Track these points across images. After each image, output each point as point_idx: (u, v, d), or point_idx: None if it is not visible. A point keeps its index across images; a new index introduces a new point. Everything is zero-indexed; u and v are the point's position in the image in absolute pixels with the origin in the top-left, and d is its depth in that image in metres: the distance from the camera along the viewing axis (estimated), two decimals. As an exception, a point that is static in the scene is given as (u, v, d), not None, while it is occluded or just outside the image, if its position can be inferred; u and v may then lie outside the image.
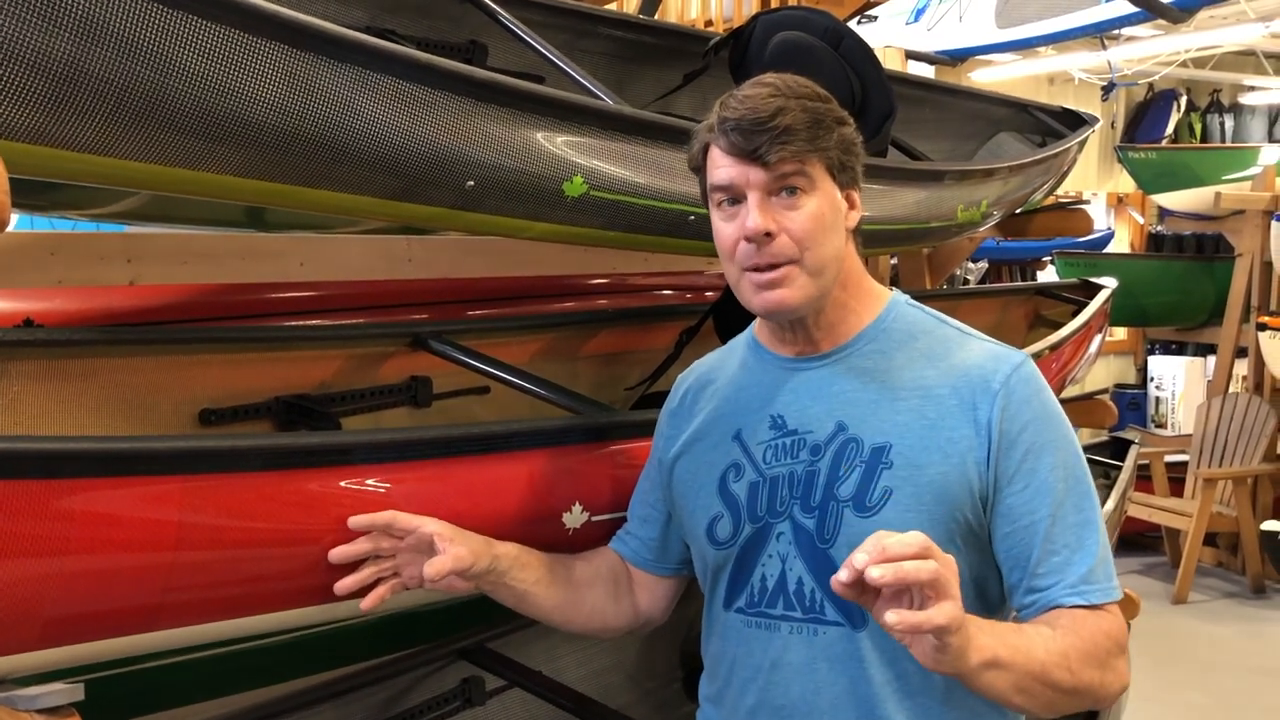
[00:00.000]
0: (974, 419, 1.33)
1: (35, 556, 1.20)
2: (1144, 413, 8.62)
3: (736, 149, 1.33)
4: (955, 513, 1.33)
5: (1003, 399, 1.33)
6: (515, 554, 1.50)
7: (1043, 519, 1.32)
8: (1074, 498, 1.34)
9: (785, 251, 1.34)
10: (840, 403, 1.39)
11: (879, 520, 1.31)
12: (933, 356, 1.40)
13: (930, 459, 1.33)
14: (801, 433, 1.40)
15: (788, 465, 1.40)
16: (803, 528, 1.37)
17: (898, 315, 1.45)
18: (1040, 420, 1.35)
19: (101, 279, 2.13)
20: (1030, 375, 1.38)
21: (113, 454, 1.23)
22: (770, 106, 1.32)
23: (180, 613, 1.33)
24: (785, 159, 1.32)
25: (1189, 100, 9.48)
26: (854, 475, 1.35)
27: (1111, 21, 5.26)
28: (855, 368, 1.41)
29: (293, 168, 1.56)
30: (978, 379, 1.35)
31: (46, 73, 1.30)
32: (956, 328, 1.45)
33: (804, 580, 1.37)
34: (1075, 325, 3.29)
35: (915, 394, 1.37)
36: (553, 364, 2.51)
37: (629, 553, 1.62)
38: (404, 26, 2.34)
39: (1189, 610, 5.86)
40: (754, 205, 1.33)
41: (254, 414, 1.92)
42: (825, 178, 1.36)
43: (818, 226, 1.35)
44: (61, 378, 1.66)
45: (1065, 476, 1.34)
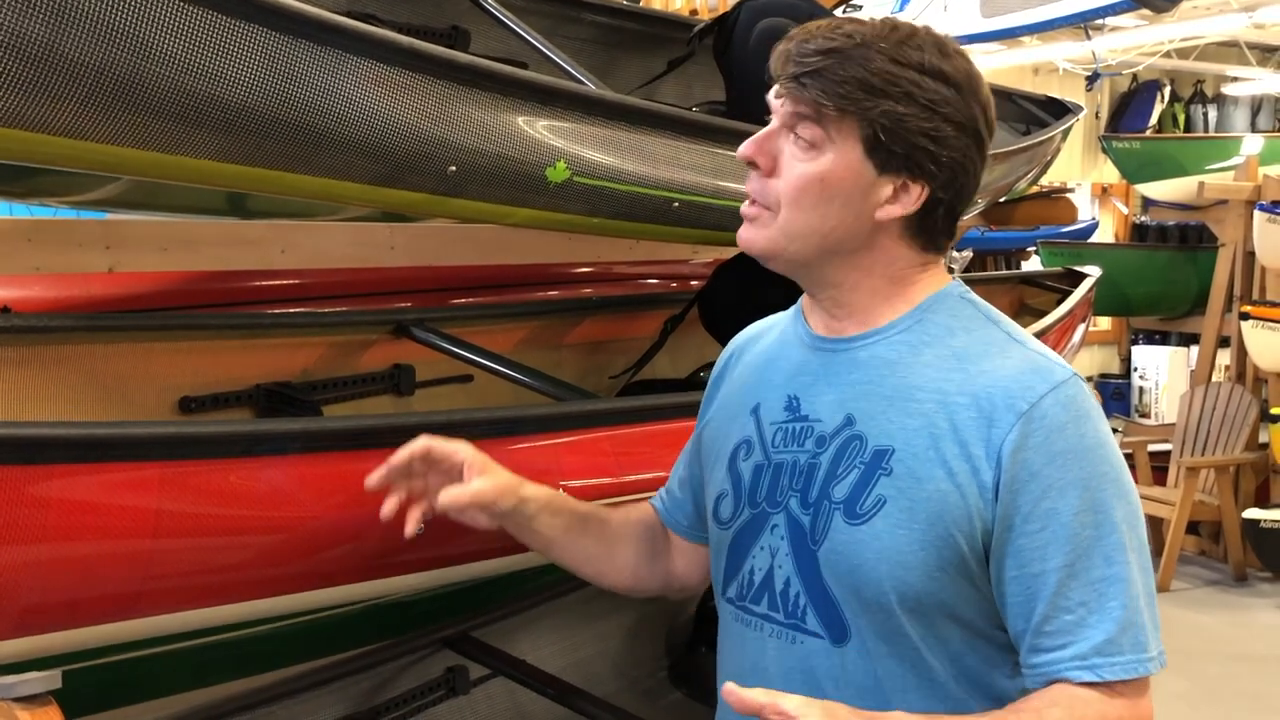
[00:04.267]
0: (987, 438, 1.15)
1: (10, 544, 1.19)
2: (1128, 402, 8.66)
3: (773, 71, 1.21)
4: (950, 538, 1.16)
5: (1027, 423, 1.14)
6: (546, 499, 1.41)
7: (1056, 569, 1.13)
8: (1105, 548, 1.13)
9: (762, 194, 1.22)
10: (854, 394, 1.24)
11: (867, 530, 1.18)
12: (965, 359, 1.20)
13: (932, 473, 1.16)
14: (811, 420, 1.27)
15: (793, 453, 1.27)
16: (797, 523, 1.25)
17: (942, 306, 1.25)
18: (1074, 454, 1.14)
19: (80, 266, 2.11)
20: (1071, 399, 1.16)
21: (89, 440, 1.22)
22: (820, 44, 1.16)
23: (160, 600, 1.32)
24: (799, 100, 1.17)
25: (1173, 91, 9.53)
26: (850, 477, 1.21)
27: (1096, 11, 5.27)
28: (879, 357, 1.24)
29: (273, 152, 1.55)
30: (1004, 394, 1.16)
31: (22, 55, 1.28)
32: (1006, 331, 1.24)
33: (791, 581, 1.25)
34: (1059, 313, 3.30)
35: (932, 398, 1.19)
36: (537, 352, 2.51)
37: (664, 513, 1.52)
38: (385, 11, 2.32)
39: (1171, 598, 5.89)
40: (762, 131, 1.22)
41: (235, 401, 1.91)
42: (852, 145, 1.18)
43: (804, 189, 1.19)
44: (39, 364, 1.65)
45: (1097, 522, 1.13)
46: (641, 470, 1.79)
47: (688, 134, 2.08)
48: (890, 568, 1.17)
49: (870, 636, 1.20)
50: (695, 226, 2.15)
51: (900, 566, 1.16)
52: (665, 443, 1.85)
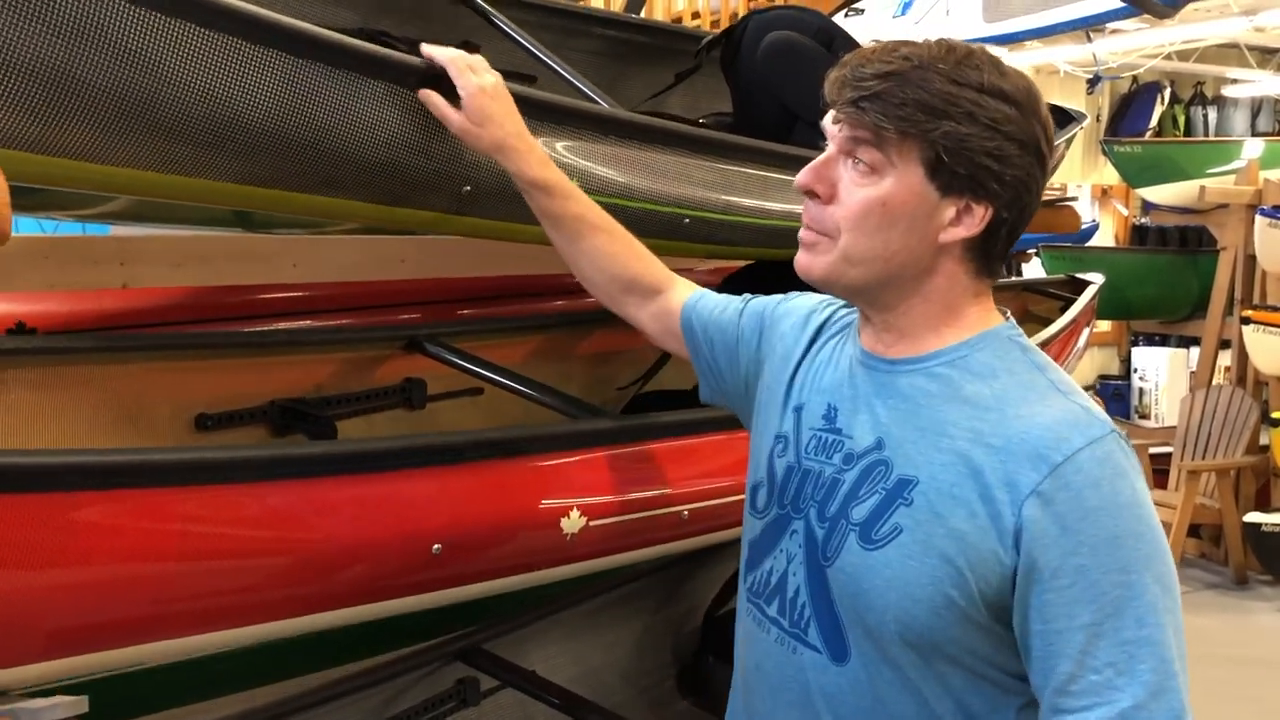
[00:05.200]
0: (1015, 486, 1.12)
1: (36, 569, 1.20)
2: (1127, 404, 8.67)
3: (828, 96, 1.19)
4: (961, 578, 1.14)
5: (1059, 476, 1.11)
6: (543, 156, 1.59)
7: (1083, 626, 1.09)
8: (1137, 609, 1.08)
9: (821, 222, 1.21)
10: (888, 419, 1.23)
11: (879, 557, 1.18)
12: (1004, 401, 1.18)
13: (954, 512, 1.15)
14: (844, 434, 1.27)
15: (820, 463, 1.28)
16: (813, 535, 1.25)
17: (989, 346, 1.23)
18: (1107, 511, 1.11)
19: (95, 282, 2.12)
20: (1108, 455, 1.13)
21: (112, 466, 1.23)
22: (879, 66, 1.15)
23: (184, 622, 1.33)
24: (859, 124, 1.16)
25: (1173, 93, 9.54)
26: (871, 500, 1.21)
27: (1098, 16, 5.28)
28: (918, 386, 1.23)
29: (291, 174, 1.56)
30: (1038, 442, 1.13)
31: (44, 81, 1.30)
32: (1051, 379, 1.21)
33: (800, 591, 1.26)
34: (1063, 322, 3.31)
35: (965, 436, 1.17)
36: (546, 364, 2.52)
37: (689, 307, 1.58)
38: (396, 27, 2.33)
39: (1173, 601, 5.91)
40: (819, 159, 1.21)
41: (249, 418, 1.92)
42: (914, 167, 1.17)
43: (866, 214, 1.18)
44: (57, 385, 1.66)
45: (1129, 582, 1.09)
46: (651, 487, 1.81)
47: (698, 151, 2.09)
48: (897, 598, 1.17)
49: (872, 660, 1.20)
50: (706, 242, 2.17)
51: (907, 598, 1.16)
52: (674, 460, 1.87)
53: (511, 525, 1.59)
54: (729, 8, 6.86)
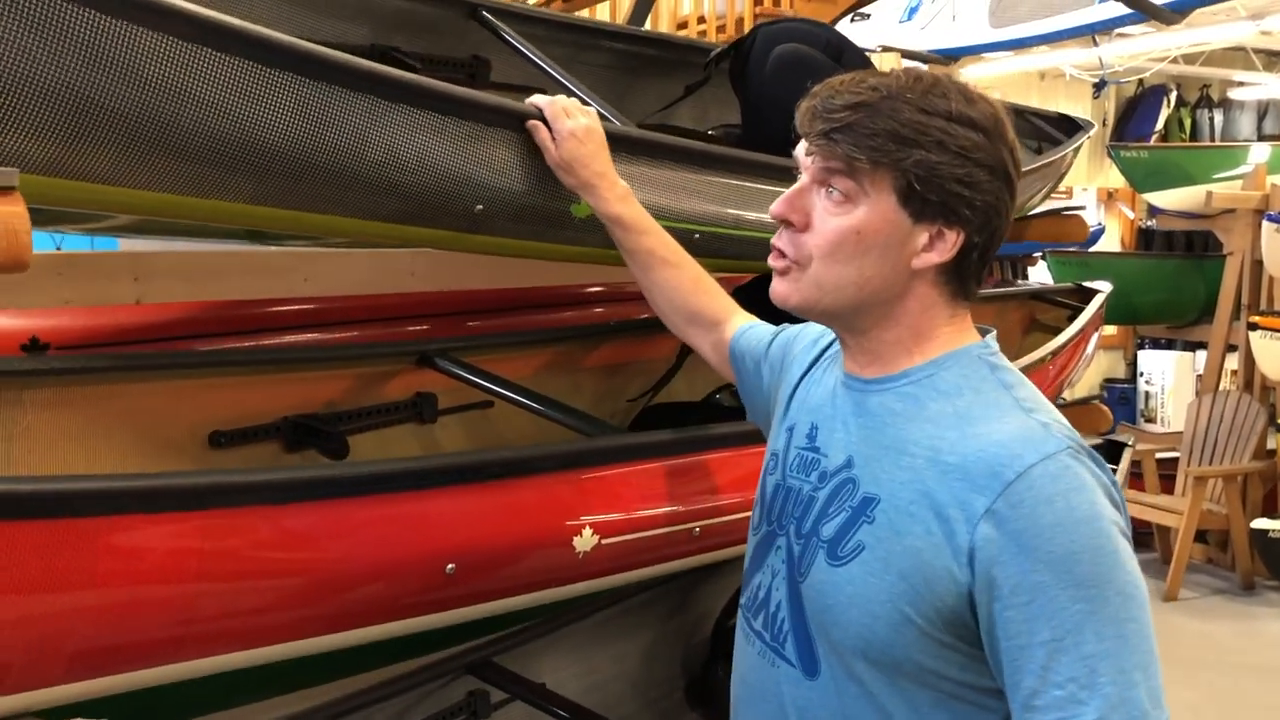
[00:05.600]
0: (970, 504, 1.14)
1: (58, 593, 1.21)
2: (1134, 407, 8.67)
3: (801, 126, 1.22)
4: (919, 595, 1.16)
5: (1011, 493, 1.12)
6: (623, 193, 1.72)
7: (1043, 643, 1.09)
8: (1096, 623, 1.09)
9: (793, 249, 1.24)
10: (858, 437, 1.27)
11: (843, 574, 1.21)
12: (965, 419, 1.20)
13: (911, 528, 1.17)
14: (821, 453, 1.31)
15: (800, 480, 1.33)
16: (792, 551, 1.30)
17: (958, 364, 1.25)
18: (1063, 527, 1.10)
19: (109, 298, 2.13)
20: (1063, 470, 1.13)
21: (131, 491, 1.25)
22: (849, 98, 1.18)
23: (203, 644, 1.34)
24: (831, 155, 1.18)
25: (1179, 96, 9.53)
26: (839, 518, 1.24)
27: (1105, 22, 5.28)
28: (886, 406, 1.26)
29: (305, 195, 1.57)
30: (991, 460, 1.14)
31: (61, 106, 1.31)
32: (1016, 396, 1.22)
33: (781, 606, 1.30)
34: (1071, 332, 3.31)
35: (924, 454, 1.19)
36: (556, 377, 2.53)
37: (738, 336, 1.65)
38: (407, 43, 2.34)
39: (1179, 607, 5.91)
40: (793, 189, 1.24)
41: (263, 435, 1.93)
42: (886, 196, 1.19)
43: (840, 242, 1.21)
44: (73, 405, 1.67)
45: (1088, 596, 1.09)
46: (662, 504, 1.81)
47: (708, 167, 2.10)
48: (858, 614, 1.20)
49: (839, 676, 1.23)
50: (716, 257, 2.17)
51: (868, 615, 1.19)
52: (685, 476, 1.88)
53: (524, 545, 1.60)
54: (734, 12, 6.88)
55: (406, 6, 2.32)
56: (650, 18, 5.30)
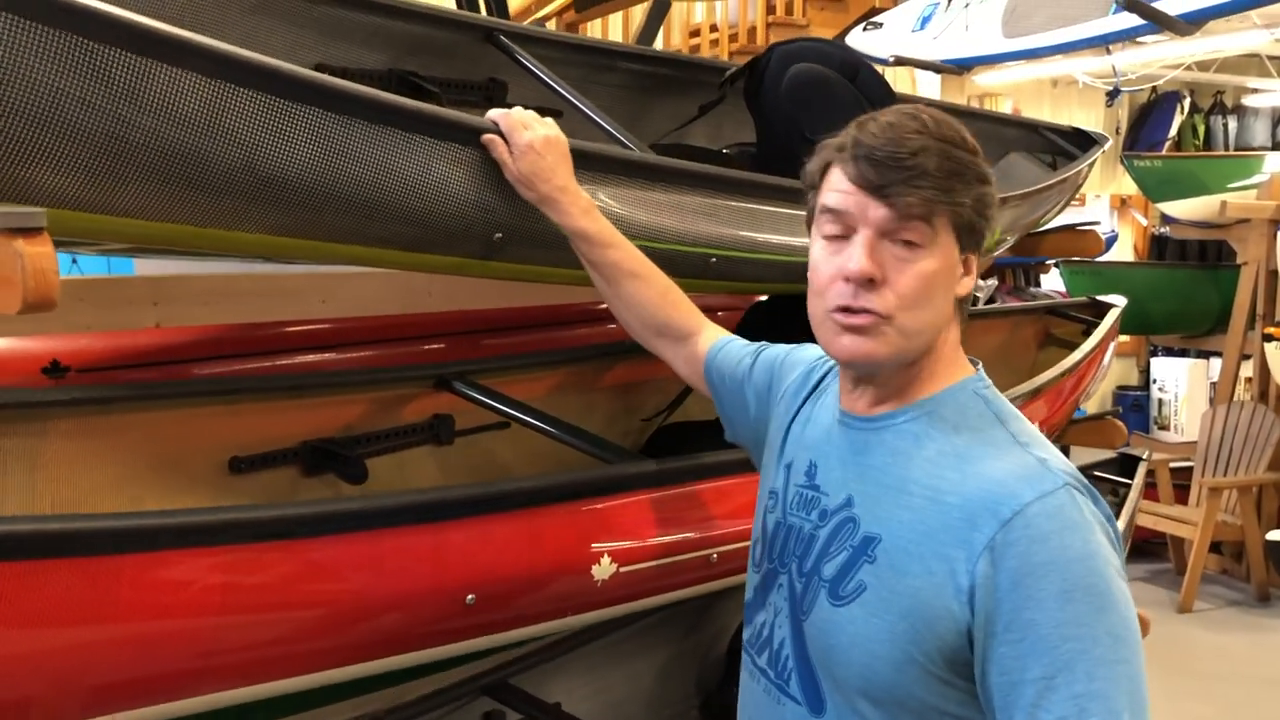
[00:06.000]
0: (969, 542, 1.14)
1: (82, 628, 1.22)
2: (1146, 415, 8.64)
3: (863, 180, 1.20)
4: (921, 634, 1.16)
5: (1008, 531, 1.13)
6: (586, 206, 1.67)
7: (1033, 680, 1.10)
8: (1087, 663, 1.09)
9: (881, 304, 1.20)
10: (857, 476, 1.28)
11: (845, 614, 1.21)
12: (964, 458, 1.21)
13: (912, 568, 1.17)
14: (821, 491, 1.31)
15: (800, 519, 1.33)
16: (794, 589, 1.30)
17: (954, 399, 1.27)
18: (1056, 565, 1.11)
19: (128, 322, 2.15)
20: (1059, 508, 1.14)
21: (155, 529, 1.26)
22: (913, 143, 1.19)
23: (225, 677, 1.35)
24: (912, 205, 1.18)
25: (1192, 102, 9.49)
26: (840, 557, 1.24)
27: (1119, 33, 5.24)
28: (886, 444, 1.27)
29: (327, 226, 1.58)
30: (990, 498, 1.15)
31: (93, 143, 1.32)
32: (1011, 432, 1.24)
33: (784, 644, 1.30)
34: (1087, 348, 3.30)
35: (925, 494, 1.20)
36: (570, 396, 2.53)
37: (714, 352, 1.64)
38: (425, 67, 2.35)
39: (1194, 619, 5.88)
40: (863, 245, 1.20)
41: (282, 460, 1.94)
42: (949, 236, 1.21)
43: (924, 289, 1.20)
44: (94, 433, 1.69)
45: (1077, 635, 1.10)
46: (680, 531, 1.82)
47: (724, 191, 2.10)
48: (860, 654, 1.20)
49: (846, 712, 1.24)
50: (733, 280, 2.18)
51: (869, 654, 1.19)
52: (702, 503, 1.88)
53: (543, 575, 1.61)
54: (746, 21, 6.89)
55: (424, 31, 2.33)
56: (663, 27, 5.31)
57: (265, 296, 2.36)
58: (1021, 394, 2.73)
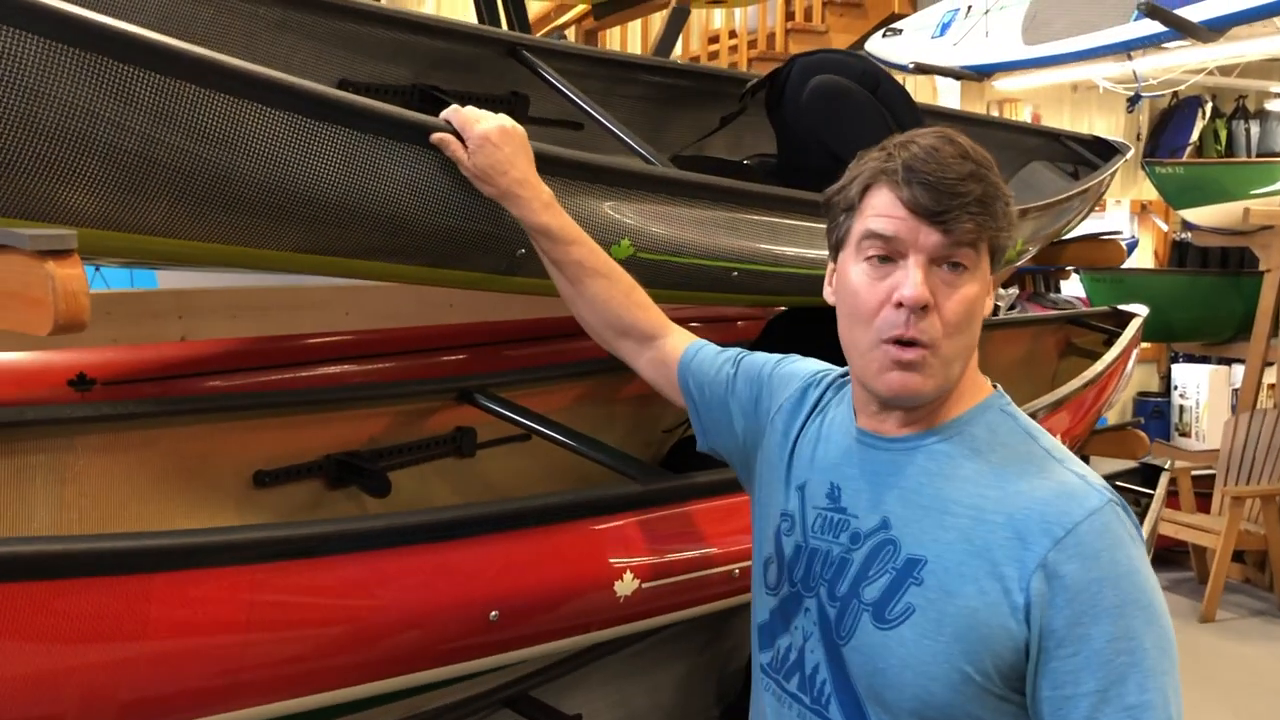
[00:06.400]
0: (1021, 560, 1.16)
1: (109, 644, 1.23)
2: (1167, 421, 8.57)
3: (918, 205, 1.18)
4: (976, 653, 1.17)
5: (1061, 548, 1.15)
6: (548, 200, 1.60)
7: (1088, 693, 1.13)
8: (1138, 675, 1.13)
9: (931, 332, 1.20)
10: (892, 498, 1.27)
11: (894, 637, 1.21)
12: (1003, 476, 1.22)
13: (963, 589, 1.18)
14: (849, 514, 1.30)
15: (827, 542, 1.31)
16: (825, 613, 1.28)
17: (983, 418, 1.28)
18: (1108, 581, 1.14)
19: (155, 336, 2.17)
20: (1106, 526, 1.17)
21: (182, 548, 1.27)
22: (960, 168, 1.19)
23: (250, 693, 1.36)
24: (967, 231, 1.19)
25: (1214, 107, 9.43)
26: (881, 580, 1.23)
27: (1141, 40, 5.21)
28: (918, 464, 1.26)
29: (351, 244, 1.60)
30: (1039, 517, 1.17)
31: (122, 162, 1.34)
32: (1045, 449, 1.26)
33: (819, 668, 1.29)
34: (1109, 358, 3.29)
35: (968, 513, 1.21)
36: (592, 408, 2.54)
37: (688, 358, 1.59)
38: (448, 82, 2.37)
39: (1216, 629, 5.83)
40: (917, 270, 1.19)
41: (306, 473, 1.96)
42: (985, 258, 1.23)
43: (969, 313, 1.22)
44: (123, 449, 1.70)
45: (1130, 649, 1.13)
46: (702, 546, 1.82)
47: (746, 205, 2.11)
48: (914, 676, 1.19)
49: None
50: (754, 293, 2.18)
51: (924, 676, 1.19)
52: (724, 518, 1.88)
53: (566, 591, 1.62)
54: (765, 28, 6.89)
55: (447, 47, 2.34)
56: (682, 34, 5.32)
57: (290, 309, 2.37)
58: (1044, 406, 2.72)
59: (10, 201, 1.30)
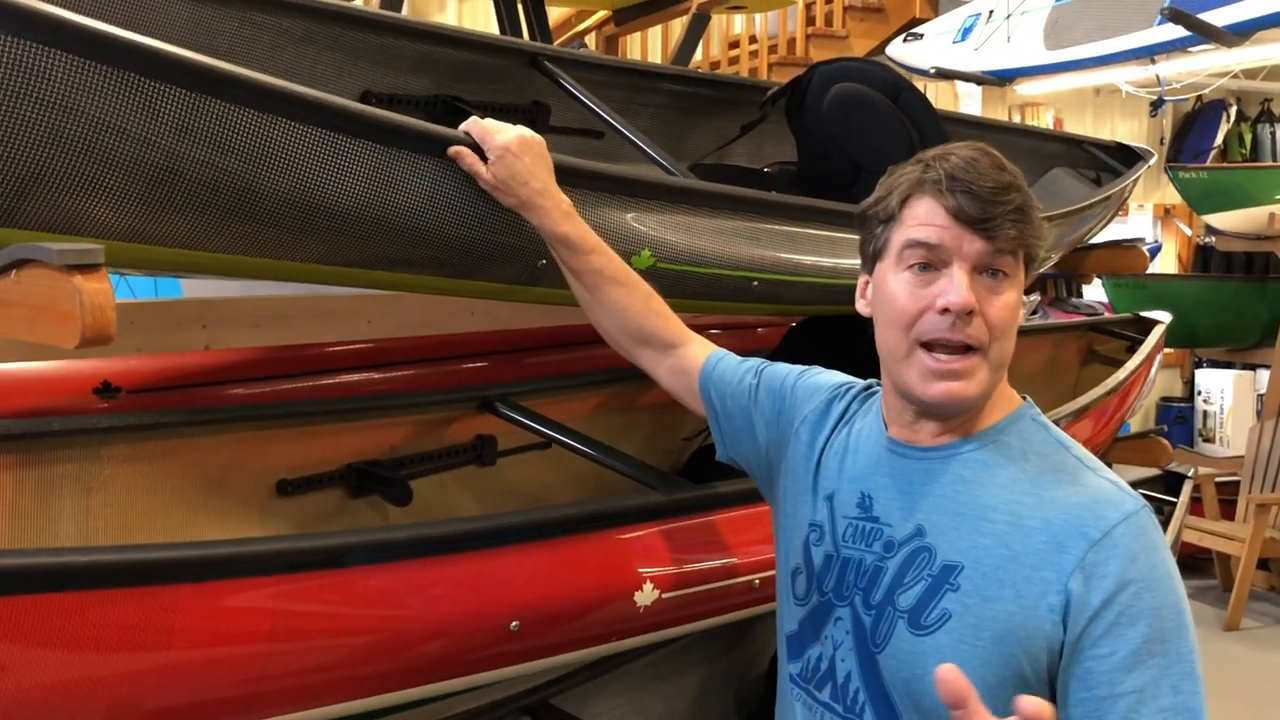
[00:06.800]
0: (1058, 564, 1.18)
1: (138, 655, 1.25)
2: (1191, 427, 8.51)
3: (963, 213, 1.21)
4: (1014, 658, 1.19)
5: (1098, 551, 1.18)
6: (567, 210, 1.61)
7: (1124, 694, 1.15)
8: (1172, 677, 1.15)
9: (978, 336, 1.23)
10: (926, 506, 1.28)
11: (930, 643, 1.22)
12: (1038, 483, 1.25)
13: (1001, 594, 1.20)
14: (882, 522, 1.31)
15: (860, 551, 1.32)
16: (860, 622, 1.30)
17: (1015, 428, 1.31)
18: (1144, 584, 1.17)
19: (179, 345, 2.19)
20: (1142, 528, 1.20)
21: (207, 559, 1.28)
22: (1001, 179, 1.22)
23: (274, 703, 1.37)
24: (1012, 239, 1.22)
25: (1238, 110, 9.36)
26: (917, 587, 1.25)
27: (1164, 44, 5.19)
28: (953, 473, 1.28)
29: (374, 255, 1.61)
30: (1077, 520, 1.20)
31: (148, 176, 1.35)
32: (1078, 458, 1.29)
33: (852, 677, 1.30)
34: (1132, 366, 3.27)
35: (1004, 519, 1.23)
36: (612, 415, 2.55)
37: (709, 368, 1.60)
38: (470, 92, 2.38)
39: (1241, 637, 5.79)
40: (963, 275, 1.22)
41: (327, 482, 1.97)
42: (1021, 265, 1.26)
43: (1011, 318, 1.25)
44: (147, 459, 1.72)
45: (1164, 650, 1.16)
46: (722, 556, 1.82)
47: (766, 215, 2.11)
48: None
49: None
50: (775, 302, 2.18)
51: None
52: (745, 528, 1.88)
53: (586, 601, 1.62)
54: (786, 33, 6.88)
55: (469, 57, 2.36)
56: (702, 39, 5.32)
57: (313, 318, 2.39)
58: (1066, 414, 2.71)
59: (38, 215, 1.32)
